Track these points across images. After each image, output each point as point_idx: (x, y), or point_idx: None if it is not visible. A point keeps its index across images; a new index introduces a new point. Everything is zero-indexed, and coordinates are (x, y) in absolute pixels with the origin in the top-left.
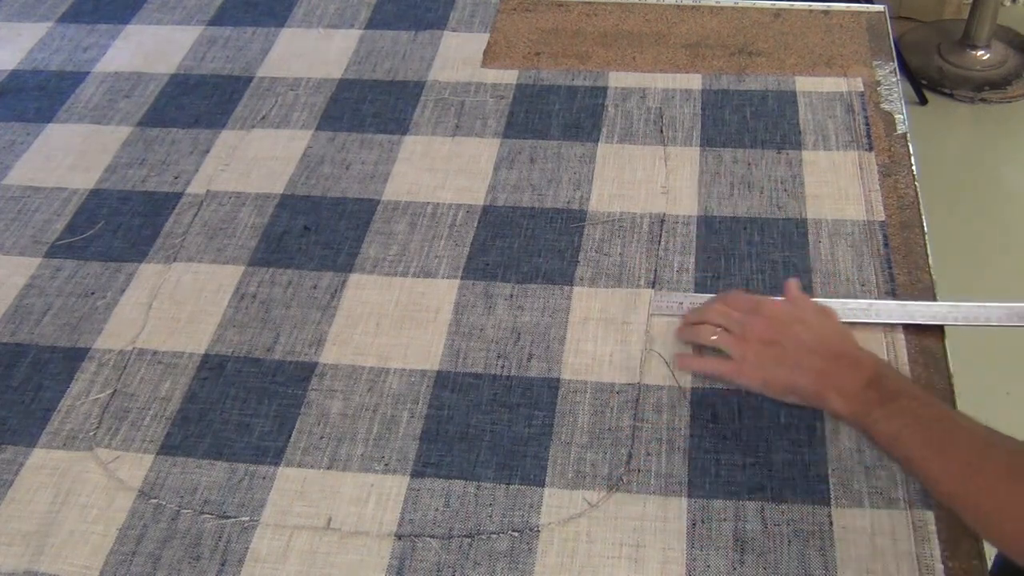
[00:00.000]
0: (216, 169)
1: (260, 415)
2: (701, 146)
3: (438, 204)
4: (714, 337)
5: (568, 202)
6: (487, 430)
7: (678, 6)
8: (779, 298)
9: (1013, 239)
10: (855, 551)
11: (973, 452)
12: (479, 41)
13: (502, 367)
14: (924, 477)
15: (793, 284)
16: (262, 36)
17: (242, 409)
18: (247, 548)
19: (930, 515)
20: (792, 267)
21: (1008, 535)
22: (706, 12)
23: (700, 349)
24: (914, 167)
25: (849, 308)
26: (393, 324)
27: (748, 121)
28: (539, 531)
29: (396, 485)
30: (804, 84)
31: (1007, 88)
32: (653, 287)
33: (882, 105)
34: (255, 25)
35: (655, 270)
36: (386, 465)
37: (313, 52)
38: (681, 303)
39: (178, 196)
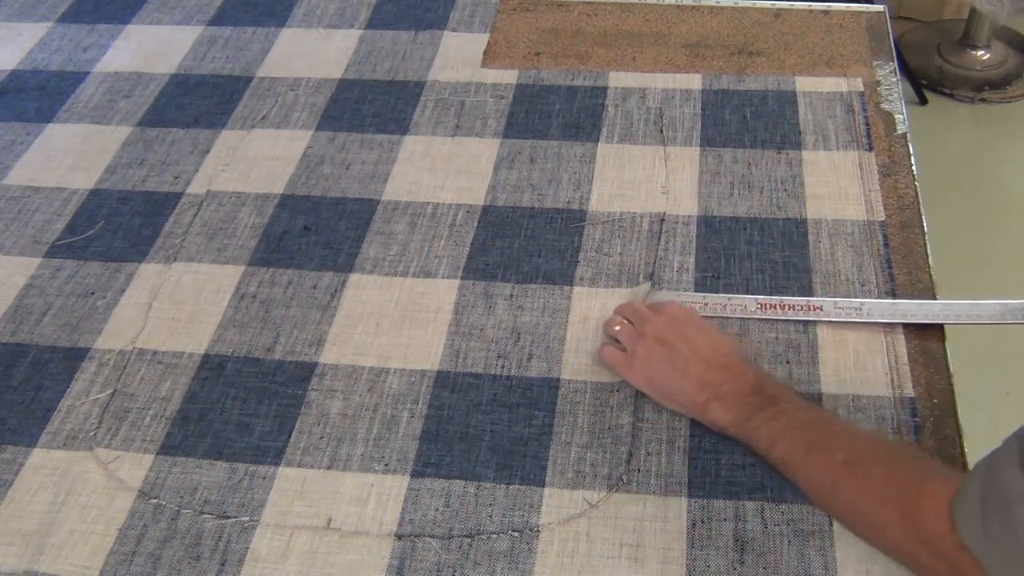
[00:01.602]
0: (216, 169)
1: (260, 415)
2: (701, 146)
3: (438, 204)
4: (617, 328)
5: (568, 202)
6: (487, 430)
7: (678, 6)
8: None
9: (1013, 239)
10: (855, 551)
11: (849, 449)
12: (479, 41)
13: (502, 367)
14: (802, 477)
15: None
16: (262, 36)
17: (242, 409)
18: (247, 548)
19: None
20: (792, 267)
21: (880, 524)
22: (706, 12)
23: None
24: (914, 167)
25: (840, 307)
26: (393, 324)
27: (748, 121)
28: (539, 531)
29: (396, 485)
30: (804, 84)
31: (1007, 88)
32: (652, 286)
33: (882, 105)
34: (255, 25)
35: (655, 270)
36: (386, 465)
37: (313, 52)
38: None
39: (178, 196)
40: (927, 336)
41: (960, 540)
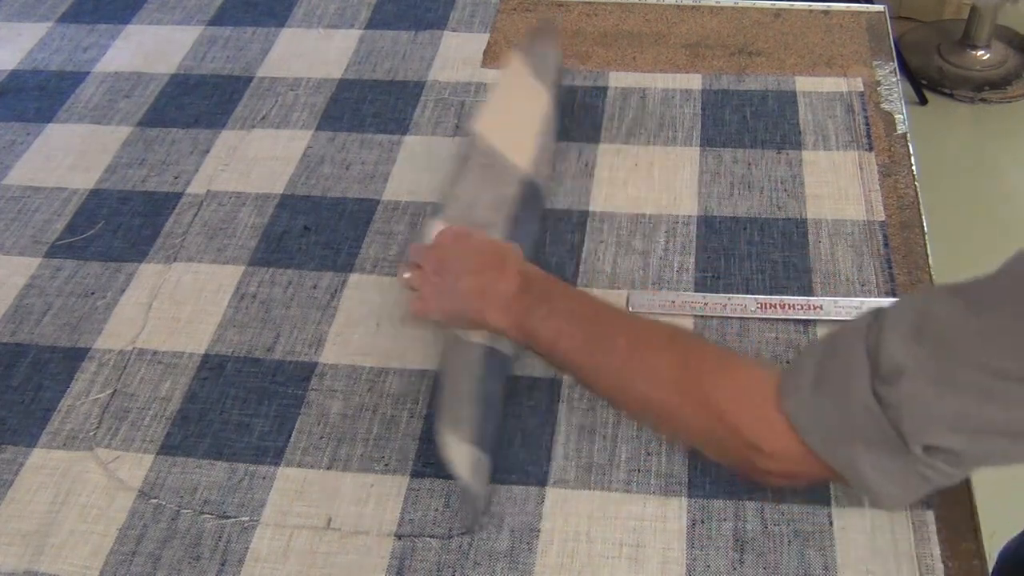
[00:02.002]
0: (216, 169)
1: (260, 415)
2: (701, 146)
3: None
4: (407, 276)
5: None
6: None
7: (678, 6)
8: None
9: (1013, 239)
10: (855, 551)
11: (630, 335)
12: (479, 41)
13: None
14: (588, 371)
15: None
16: (262, 36)
17: (242, 409)
18: (247, 548)
19: (930, 515)
20: (792, 267)
21: (671, 408)
22: (706, 12)
23: None
24: (914, 167)
25: (840, 307)
26: (393, 324)
27: (748, 121)
28: (539, 531)
29: (396, 485)
30: (804, 84)
31: (1007, 88)
32: (652, 287)
33: (882, 105)
34: (255, 25)
35: (655, 270)
36: (386, 465)
37: (313, 52)
38: (672, 302)
39: (178, 196)
40: None
41: (764, 412)
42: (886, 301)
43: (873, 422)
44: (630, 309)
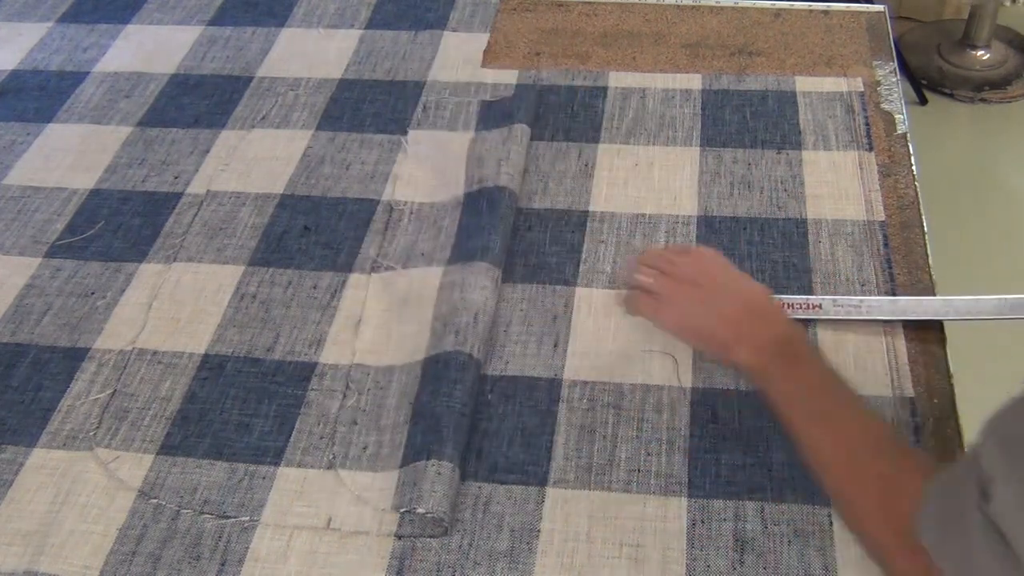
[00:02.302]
0: (216, 169)
1: (260, 415)
2: (701, 146)
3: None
4: (644, 277)
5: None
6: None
7: (678, 6)
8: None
9: (1013, 239)
10: (855, 551)
11: (853, 432)
12: (479, 41)
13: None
14: (803, 443)
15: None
16: (262, 36)
17: (242, 409)
18: (247, 548)
19: None
20: (792, 267)
21: (863, 513)
22: (706, 12)
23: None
24: (914, 167)
25: (840, 305)
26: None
27: (748, 121)
28: (539, 531)
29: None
30: (804, 84)
31: (1007, 88)
32: None
33: (882, 105)
34: (255, 25)
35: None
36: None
37: (313, 52)
38: None
39: (178, 196)
40: (927, 336)
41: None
42: (887, 299)
43: (987, 541)
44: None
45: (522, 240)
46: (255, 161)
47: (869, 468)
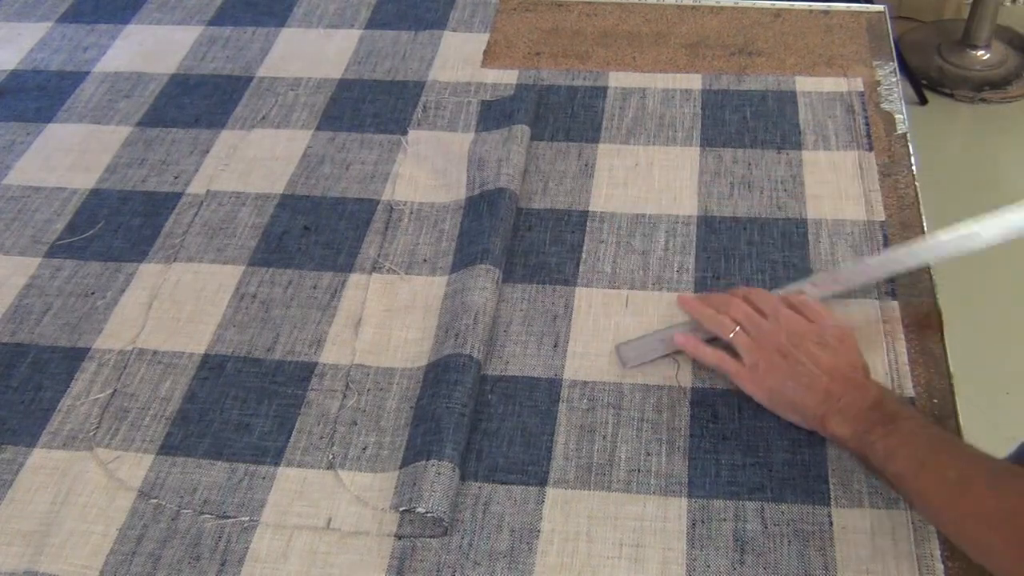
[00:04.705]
0: (216, 169)
1: (260, 415)
2: (701, 146)
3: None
4: (732, 336)
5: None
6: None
7: (678, 6)
8: (804, 299)
9: (1013, 240)
10: (855, 551)
11: (962, 469)
12: (479, 41)
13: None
14: (914, 494)
15: (814, 300)
16: (262, 36)
17: (242, 409)
18: (247, 548)
19: None
20: (792, 267)
21: (988, 547)
22: (706, 12)
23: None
24: (914, 167)
25: (817, 284)
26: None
27: (748, 121)
28: (539, 531)
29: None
30: (804, 84)
31: (1007, 88)
32: (652, 288)
33: (882, 105)
34: (255, 25)
35: (655, 270)
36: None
37: (313, 52)
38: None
39: (178, 196)
40: (927, 336)
41: None
42: (857, 264)
43: None
44: (628, 308)
45: (522, 240)
46: (255, 161)
47: (990, 503)
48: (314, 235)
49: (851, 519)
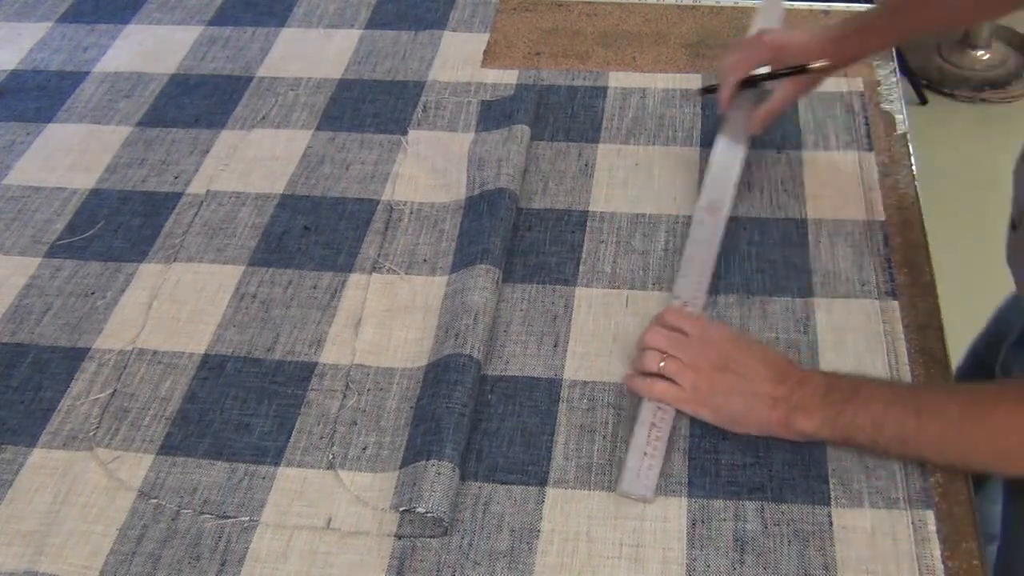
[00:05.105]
0: (216, 169)
1: (260, 415)
2: (701, 146)
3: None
4: (662, 364)
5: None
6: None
7: (678, 6)
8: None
9: None
10: (855, 551)
11: (955, 402)
12: (479, 41)
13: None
14: (924, 446)
15: (678, 309)
16: (262, 36)
17: (242, 409)
18: (247, 548)
19: (930, 515)
20: (792, 267)
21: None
22: (706, 12)
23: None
24: (914, 167)
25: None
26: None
27: None
28: (539, 531)
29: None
30: None
31: (1007, 88)
32: (652, 287)
33: (882, 105)
34: (255, 25)
35: (655, 270)
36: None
37: (313, 52)
38: (685, 302)
39: (178, 196)
40: (927, 336)
41: None
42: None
43: None
44: (628, 308)
45: (522, 240)
46: (255, 161)
47: (1004, 417)
48: (314, 235)
49: (851, 519)
